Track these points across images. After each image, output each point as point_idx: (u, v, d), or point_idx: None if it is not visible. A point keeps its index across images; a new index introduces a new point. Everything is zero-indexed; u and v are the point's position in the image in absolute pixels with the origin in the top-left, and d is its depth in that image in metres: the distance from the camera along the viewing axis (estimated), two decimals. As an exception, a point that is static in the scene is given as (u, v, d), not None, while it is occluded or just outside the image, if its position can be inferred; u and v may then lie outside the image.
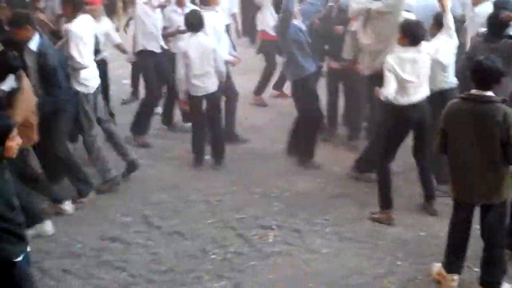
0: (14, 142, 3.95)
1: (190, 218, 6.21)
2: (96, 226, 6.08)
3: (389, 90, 5.79)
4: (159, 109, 8.63)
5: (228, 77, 7.78)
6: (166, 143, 8.18)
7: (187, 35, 7.31)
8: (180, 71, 7.27)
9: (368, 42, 6.69)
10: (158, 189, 6.86)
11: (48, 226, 5.87)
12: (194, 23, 7.11)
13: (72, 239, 5.85)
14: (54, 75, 6.16)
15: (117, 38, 8.01)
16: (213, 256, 5.52)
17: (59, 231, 5.96)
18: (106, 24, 7.79)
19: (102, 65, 7.33)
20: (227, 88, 7.74)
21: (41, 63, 6.08)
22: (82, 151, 7.02)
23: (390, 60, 5.84)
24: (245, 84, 8.97)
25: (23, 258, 3.99)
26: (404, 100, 5.87)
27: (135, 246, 5.72)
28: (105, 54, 7.77)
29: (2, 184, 3.89)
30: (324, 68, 8.23)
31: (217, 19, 7.61)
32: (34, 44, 6.11)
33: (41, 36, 6.21)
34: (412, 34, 5.82)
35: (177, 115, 8.59)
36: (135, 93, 9.55)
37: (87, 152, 6.84)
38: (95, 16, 7.25)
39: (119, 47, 8.18)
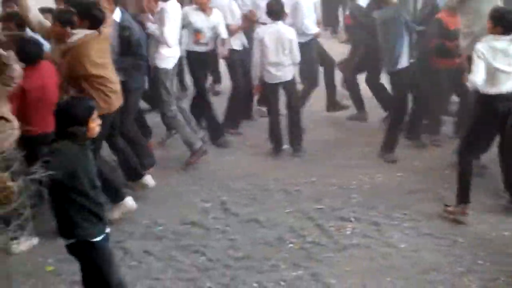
0: (95, 123, 4.09)
1: (267, 207, 6.26)
2: (176, 210, 6.23)
3: (477, 78, 5.62)
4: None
5: (311, 62, 7.82)
6: (245, 131, 8.27)
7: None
8: (256, 57, 7.37)
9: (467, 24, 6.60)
10: (237, 177, 6.95)
11: (131, 201, 6.04)
12: (275, 11, 7.17)
13: (153, 222, 6.01)
14: (139, 46, 6.35)
15: (224, 32, 7.71)
16: (290, 245, 5.55)
17: (141, 213, 6.15)
18: (216, 17, 7.63)
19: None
20: (307, 75, 7.77)
21: (124, 35, 6.23)
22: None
23: (481, 47, 5.67)
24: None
25: (102, 239, 4.13)
26: (492, 90, 5.69)
27: (214, 232, 5.82)
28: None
29: (87, 164, 4.04)
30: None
31: None
32: (117, 16, 6.25)
33: (122, 11, 6.35)
34: (506, 23, 5.63)
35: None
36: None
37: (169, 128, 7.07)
38: (205, 9, 7.45)
39: (223, 42, 7.87)
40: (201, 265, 5.29)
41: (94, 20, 5.61)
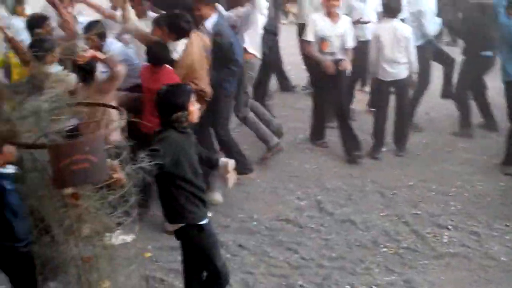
0: (195, 107, 4.20)
1: (363, 208, 6.21)
2: (272, 207, 6.29)
3: None
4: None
5: (425, 63, 7.69)
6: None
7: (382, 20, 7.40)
8: (372, 54, 7.32)
9: None
10: (333, 176, 6.93)
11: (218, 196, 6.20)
12: (393, 8, 7.11)
13: (248, 216, 6.10)
14: (230, 51, 6.31)
15: (350, 42, 7.30)
16: (385, 249, 5.49)
17: (237, 207, 6.26)
18: (344, 24, 7.29)
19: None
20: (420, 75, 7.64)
21: (217, 41, 6.21)
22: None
23: None
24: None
25: (208, 222, 4.27)
26: None
27: (308, 230, 5.83)
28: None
29: (190, 150, 4.16)
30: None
31: None
32: (210, 23, 6.22)
33: (219, 15, 6.34)
34: None
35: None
36: None
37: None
38: (332, 15, 7.20)
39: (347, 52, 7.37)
40: (294, 263, 5.32)
41: (182, 32, 5.79)
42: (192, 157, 4.19)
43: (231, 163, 4.55)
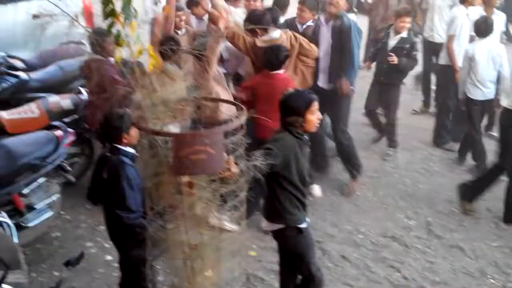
0: (314, 117, 4.22)
1: (474, 236, 6.03)
2: (380, 222, 6.25)
3: None
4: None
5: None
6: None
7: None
8: (464, 73, 7.26)
9: None
10: (447, 200, 6.76)
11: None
12: (483, 29, 7.05)
13: (355, 229, 6.09)
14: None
15: None
16: (492, 281, 5.31)
17: (345, 218, 6.27)
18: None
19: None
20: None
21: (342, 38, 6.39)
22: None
23: None
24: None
25: (307, 226, 4.34)
26: None
27: (414, 250, 5.75)
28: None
29: (301, 157, 4.23)
30: None
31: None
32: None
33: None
34: None
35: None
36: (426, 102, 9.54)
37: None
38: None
39: None
40: (395, 281, 5.27)
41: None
42: (302, 164, 4.24)
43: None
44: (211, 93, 5.43)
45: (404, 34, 7.43)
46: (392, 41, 7.45)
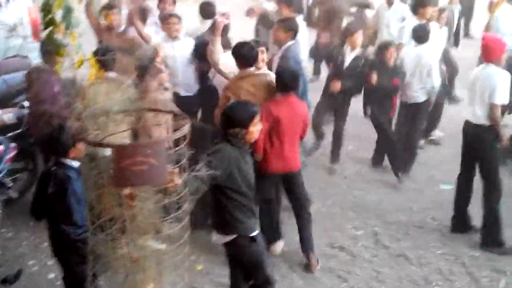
0: (256, 128, 4.27)
1: (420, 244, 6.10)
2: (327, 232, 6.27)
3: None
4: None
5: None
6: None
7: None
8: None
9: None
10: (395, 210, 6.84)
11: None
12: (419, 35, 7.36)
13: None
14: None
15: None
16: (436, 288, 5.40)
17: (292, 229, 6.25)
18: None
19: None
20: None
21: None
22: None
23: None
24: None
25: (258, 233, 4.35)
26: None
27: (361, 260, 5.79)
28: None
29: (245, 166, 4.25)
30: None
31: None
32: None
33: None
34: None
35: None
36: None
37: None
38: None
39: None
40: (342, 291, 5.30)
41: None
42: (246, 172, 4.26)
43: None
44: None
45: (358, 51, 7.46)
46: (348, 58, 7.43)
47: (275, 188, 5.76)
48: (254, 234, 4.31)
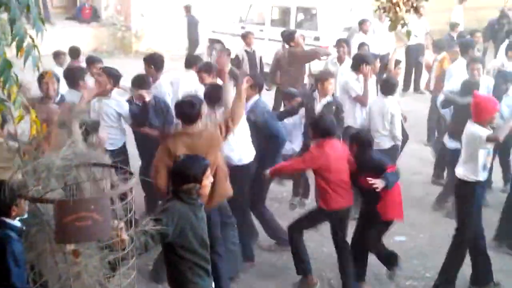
0: (208, 181, 4.26)
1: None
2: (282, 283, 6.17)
3: None
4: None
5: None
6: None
7: None
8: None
9: None
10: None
11: None
12: (386, 87, 7.66)
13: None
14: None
15: None
16: None
17: (247, 285, 6.19)
18: None
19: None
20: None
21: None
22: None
23: None
24: None
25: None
26: None
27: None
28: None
29: (197, 222, 4.17)
30: None
31: None
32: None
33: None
34: None
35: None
36: None
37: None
38: None
39: None
40: None
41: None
42: (199, 228, 4.17)
43: None
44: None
45: (329, 97, 7.58)
46: (319, 105, 7.56)
47: None
48: None
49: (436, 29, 15.27)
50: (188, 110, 5.49)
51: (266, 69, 11.37)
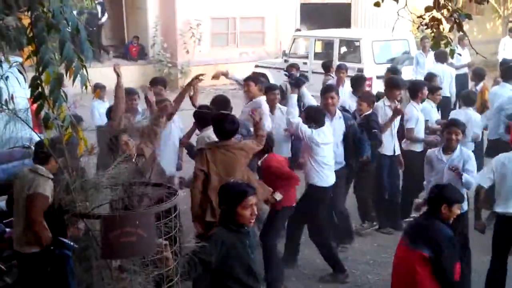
0: (247, 211, 4.05)
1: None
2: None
3: None
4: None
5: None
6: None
7: None
8: None
9: None
10: None
11: None
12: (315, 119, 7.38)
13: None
14: None
15: None
16: None
17: None
18: None
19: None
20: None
21: None
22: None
23: None
24: None
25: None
26: None
27: None
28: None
29: (243, 249, 4.07)
30: None
31: None
32: None
33: None
34: None
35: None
36: None
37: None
38: None
39: None
40: None
41: None
42: (245, 256, 4.06)
43: None
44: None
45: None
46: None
47: None
48: None
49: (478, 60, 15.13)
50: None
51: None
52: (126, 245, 3.41)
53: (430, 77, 10.00)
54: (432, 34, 4.59)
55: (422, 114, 8.13)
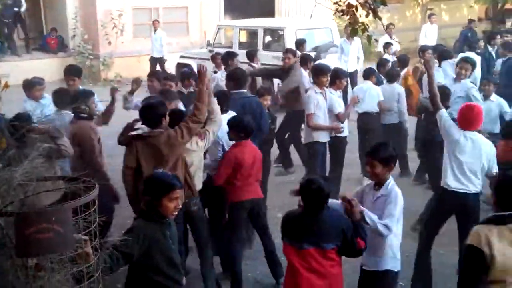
0: (172, 204, 4.03)
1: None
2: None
3: None
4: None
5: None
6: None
7: None
8: None
9: None
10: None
11: None
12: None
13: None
14: None
15: None
16: None
17: None
18: None
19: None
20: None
21: None
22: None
23: None
24: None
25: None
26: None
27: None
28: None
29: (164, 239, 4.03)
30: None
31: None
32: None
33: None
34: None
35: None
36: None
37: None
38: None
39: None
40: None
41: None
42: (167, 248, 4.04)
43: None
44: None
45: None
46: None
47: None
48: None
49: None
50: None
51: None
52: (42, 242, 3.26)
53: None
54: (349, 21, 4.62)
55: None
